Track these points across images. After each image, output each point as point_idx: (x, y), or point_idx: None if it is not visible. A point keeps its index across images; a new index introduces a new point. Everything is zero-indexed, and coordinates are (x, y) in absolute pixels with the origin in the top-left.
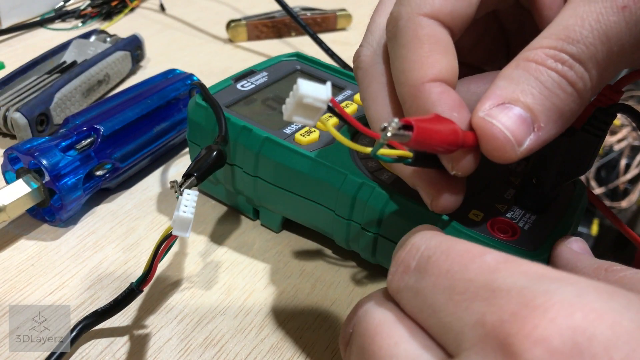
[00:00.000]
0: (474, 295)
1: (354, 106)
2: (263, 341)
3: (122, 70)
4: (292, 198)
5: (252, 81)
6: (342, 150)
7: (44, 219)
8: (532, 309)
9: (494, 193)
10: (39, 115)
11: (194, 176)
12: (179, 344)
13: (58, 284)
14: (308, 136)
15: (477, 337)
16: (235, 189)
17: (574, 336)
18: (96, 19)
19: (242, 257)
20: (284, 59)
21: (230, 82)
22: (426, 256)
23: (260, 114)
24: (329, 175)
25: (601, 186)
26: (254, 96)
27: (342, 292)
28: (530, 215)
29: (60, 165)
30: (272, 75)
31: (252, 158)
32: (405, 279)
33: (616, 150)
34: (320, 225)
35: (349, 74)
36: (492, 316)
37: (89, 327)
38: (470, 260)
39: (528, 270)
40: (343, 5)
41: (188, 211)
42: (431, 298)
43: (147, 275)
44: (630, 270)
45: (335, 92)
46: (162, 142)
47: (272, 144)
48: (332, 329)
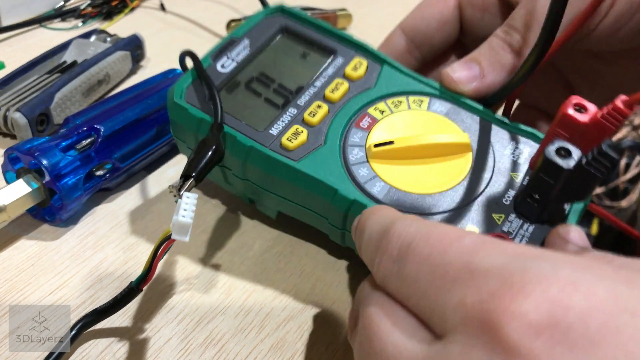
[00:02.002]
0: (454, 278)
1: (345, 86)
2: (263, 341)
3: (122, 70)
4: (286, 202)
5: (233, 57)
6: (333, 152)
7: (44, 219)
8: (510, 286)
9: (492, 199)
10: (39, 115)
11: (192, 177)
12: (179, 344)
13: (58, 284)
14: (295, 140)
15: (459, 319)
16: (229, 186)
17: (550, 308)
18: (96, 18)
19: (242, 257)
20: (267, 14)
21: (209, 62)
22: (407, 243)
23: (244, 106)
24: (318, 188)
25: (601, 186)
26: (237, 78)
27: (342, 292)
28: (528, 226)
29: (61, 165)
30: (254, 43)
31: (239, 165)
32: (389, 267)
33: None
34: (315, 226)
35: (339, 33)
36: (472, 297)
37: (88, 326)
38: (448, 244)
39: (506, 249)
40: (343, 5)
41: (187, 215)
42: (415, 284)
43: (147, 275)
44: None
45: (324, 61)
46: (163, 142)
47: (258, 154)
48: (332, 329)
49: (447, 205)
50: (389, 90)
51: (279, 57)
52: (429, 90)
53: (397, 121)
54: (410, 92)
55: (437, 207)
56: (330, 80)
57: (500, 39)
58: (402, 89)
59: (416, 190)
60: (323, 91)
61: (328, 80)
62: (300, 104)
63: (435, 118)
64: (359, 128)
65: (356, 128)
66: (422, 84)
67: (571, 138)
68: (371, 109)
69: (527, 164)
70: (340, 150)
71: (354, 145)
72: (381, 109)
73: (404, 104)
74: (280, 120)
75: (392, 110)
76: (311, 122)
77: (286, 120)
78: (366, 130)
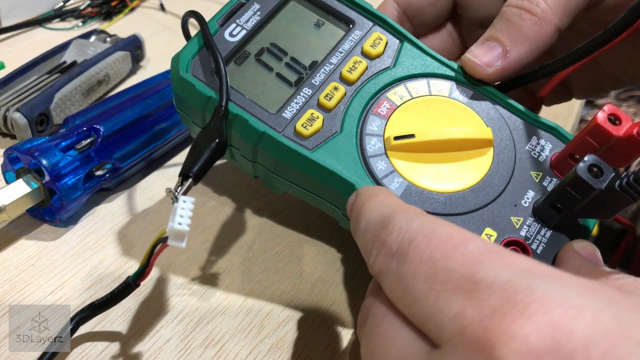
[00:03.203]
0: (455, 287)
1: (363, 65)
2: (263, 341)
3: (122, 70)
4: (296, 187)
5: (242, 23)
6: (349, 142)
7: (44, 219)
8: (513, 304)
9: (511, 200)
10: (39, 115)
11: (190, 177)
12: (179, 344)
13: (58, 284)
14: (310, 127)
15: (456, 330)
16: (234, 161)
17: (552, 332)
18: (96, 19)
19: (242, 257)
20: None
21: (216, 28)
22: (408, 239)
23: (255, 83)
24: (334, 181)
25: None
26: (246, 49)
27: (342, 292)
28: (545, 231)
29: (60, 165)
30: (265, 6)
31: (249, 149)
32: (387, 262)
33: None
34: (326, 212)
35: (357, 2)
36: (473, 310)
37: (84, 320)
38: (452, 248)
39: (512, 263)
40: None
41: (184, 222)
42: (412, 286)
43: (144, 270)
44: (630, 278)
45: (341, 34)
46: (162, 142)
47: (270, 140)
48: (332, 329)
49: (466, 207)
50: (409, 72)
51: (292, 25)
52: (450, 74)
53: (417, 109)
54: (432, 75)
55: (456, 208)
56: (347, 57)
57: (515, 6)
58: (423, 70)
59: (435, 188)
60: (339, 70)
61: (345, 58)
62: (315, 83)
63: (457, 107)
64: (377, 115)
65: (374, 115)
66: (444, 66)
67: (599, 148)
68: (390, 93)
69: (548, 162)
70: (357, 140)
71: (372, 134)
72: (401, 94)
73: (425, 88)
74: (294, 102)
75: (412, 96)
76: (327, 106)
77: (300, 102)
78: (384, 117)
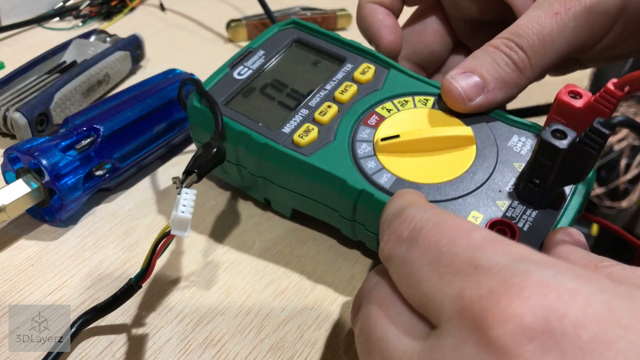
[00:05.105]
0: (457, 270)
1: (353, 88)
2: (263, 341)
3: (122, 70)
4: (297, 197)
5: (249, 65)
6: (342, 147)
7: (43, 219)
8: (509, 286)
9: (495, 187)
10: (39, 115)
11: (194, 173)
12: (179, 344)
13: (58, 284)
14: (306, 137)
15: (455, 310)
16: (244, 185)
17: (546, 314)
18: (96, 18)
19: (242, 257)
20: (281, 28)
21: (226, 70)
22: (419, 227)
23: (259, 109)
24: (328, 180)
25: (601, 186)
26: (252, 84)
27: (343, 292)
28: (530, 211)
29: (60, 165)
30: (269, 53)
31: (253, 162)
32: (397, 247)
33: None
34: (327, 219)
35: (349, 42)
36: (471, 291)
37: (87, 323)
38: (458, 235)
39: (512, 250)
40: (343, 5)
41: (186, 211)
42: (417, 268)
43: (146, 271)
44: (619, 266)
45: (334, 68)
46: (162, 142)
47: (271, 150)
48: (332, 329)
49: (452, 195)
50: (395, 92)
51: (292, 64)
52: (434, 91)
53: (404, 118)
54: (416, 93)
55: (442, 196)
56: (339, 83)
57: (503, 53)
58: (409, 90)
59: (421, 180)
60: (333, 93)
61: (338, 84)
62: (312, 105)
63: (440, 115)
64: (367, 125)
65: (364, 125)
66: (428, 85)
67: (568, 124)
68: (379, 108)
69: (530, 154)
70: (349, 146)
71: (362, 140)
72: (388, 108)
73: (410, 103)
74: (292, 120)
75: (399, 109)
76: (321, 121)
77: (298, 120)
78: (374, 127)
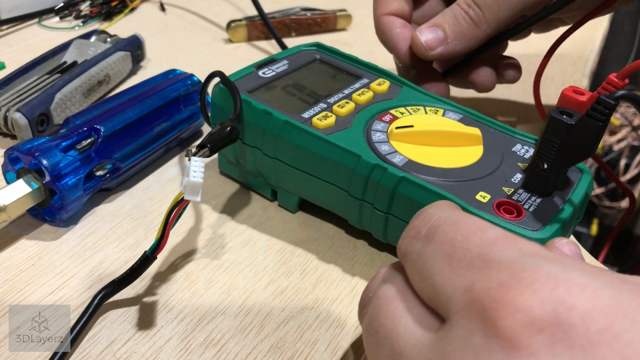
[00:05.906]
0: (469, 264)
1: (370, 93)
2: (263, 341)
3: (122, 71)
4: (309, 179)
5: (273, 69)
6: (357, 133)
7: (44, 219)
8: (519, 279)
9: (502, 177)
10: (40, 115)
11: (207, 147)
12: (179, 343)
13: (58, 284)
14: (325, 120)
15: (464, 302)
16: (255, 170)
17: (555, 306)
18: (96, 19)
19: (242, 257)
20: (304, 48)
21: (252, 69)
22: (436, 225)
23: (280, 99)
24: (343, 156)
25: (601, 186)
26: (274, 82)
27: (343, 292)
28: (535, 198)
29: (61, 165)
30: (292, 64)
31: (271, 140)
32: (414, 243)
33: (616, 150)
34: (334, 206)
35: (366, 63)
36: (481, 284)
37: (108, 297)
38: (473, 232)
39: (523, 247)
40: (343, 6)
41: (197, 176)
42: (431, 262)
43: (160, 242)
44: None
45: (352, 80)
46: (163, 142)
47: (291, 127)
48: (332, 329)
49: (462, 178)
50: (408, 101)
51: (313, 74)
52: (444, 106)
53: (416, 117)
54: (427, 104)
55: (452, 178)
56: (357, 89)
57: (463, 10)
58: (420, 102)
59: (432, 164)
60: (351, 95)
61: (355, 89)
62: (330, 101)
63: (449, 121)
64: (381, 121)
65: (379, 121)
66: (439, 101)
67: None
68: (392, 110)
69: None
70: (364, 133)
71: (377, 130)
72: (401, 111)
73: (422, 110)
74: (311, 109)
75: (411, 113)
76: (339, 112)
77: (317, 109)
78: (388, 123)
